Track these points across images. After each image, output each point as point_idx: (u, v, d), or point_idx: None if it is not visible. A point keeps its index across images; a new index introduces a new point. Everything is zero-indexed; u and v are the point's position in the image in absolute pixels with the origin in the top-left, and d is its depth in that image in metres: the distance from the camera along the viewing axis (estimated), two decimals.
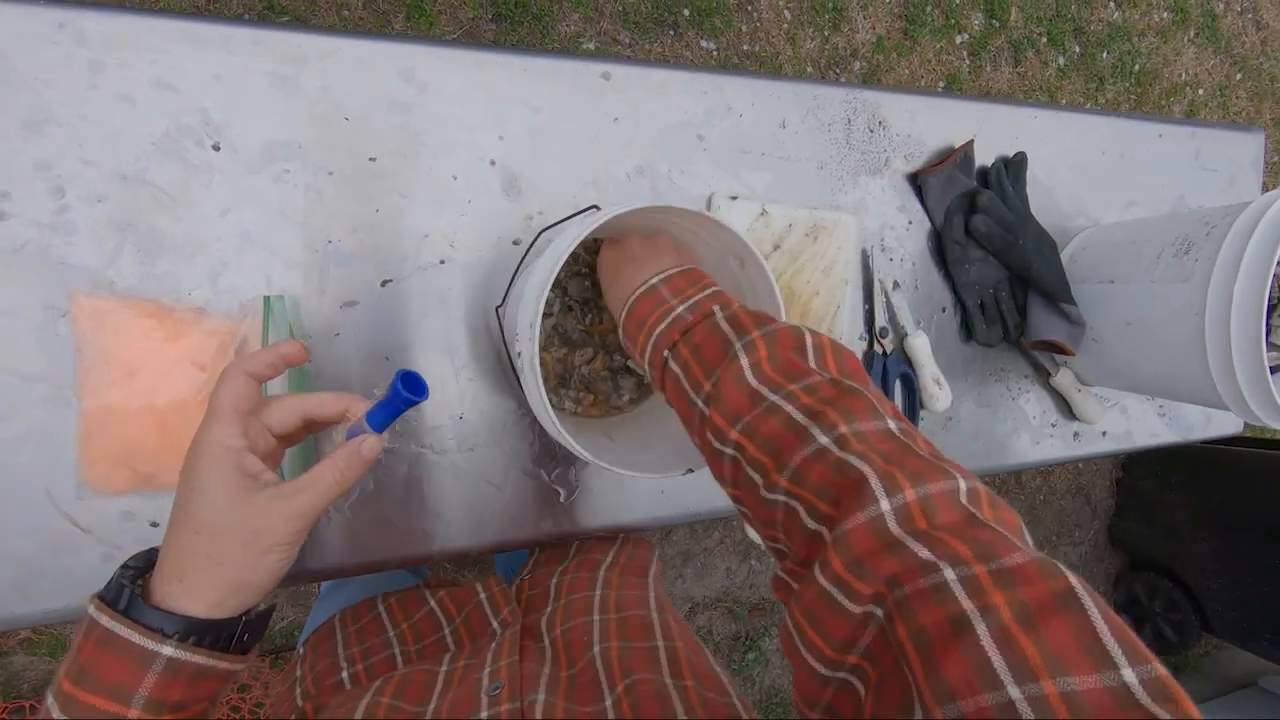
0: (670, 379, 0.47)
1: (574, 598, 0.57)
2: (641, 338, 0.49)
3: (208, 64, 0.54)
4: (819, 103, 0.74)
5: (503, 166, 0.63)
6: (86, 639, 0.37)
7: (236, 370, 0.41)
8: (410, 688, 0.48)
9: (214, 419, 0.39)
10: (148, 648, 0.36)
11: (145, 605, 0.37)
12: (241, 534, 0.38)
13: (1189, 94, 2.31)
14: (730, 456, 0.41)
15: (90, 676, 0.36)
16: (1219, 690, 2.27)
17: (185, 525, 0.38)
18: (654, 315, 0.48)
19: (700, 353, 0.45)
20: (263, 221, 0.56)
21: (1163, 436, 0.97)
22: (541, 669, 0.48)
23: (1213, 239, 0.70)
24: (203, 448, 0.39)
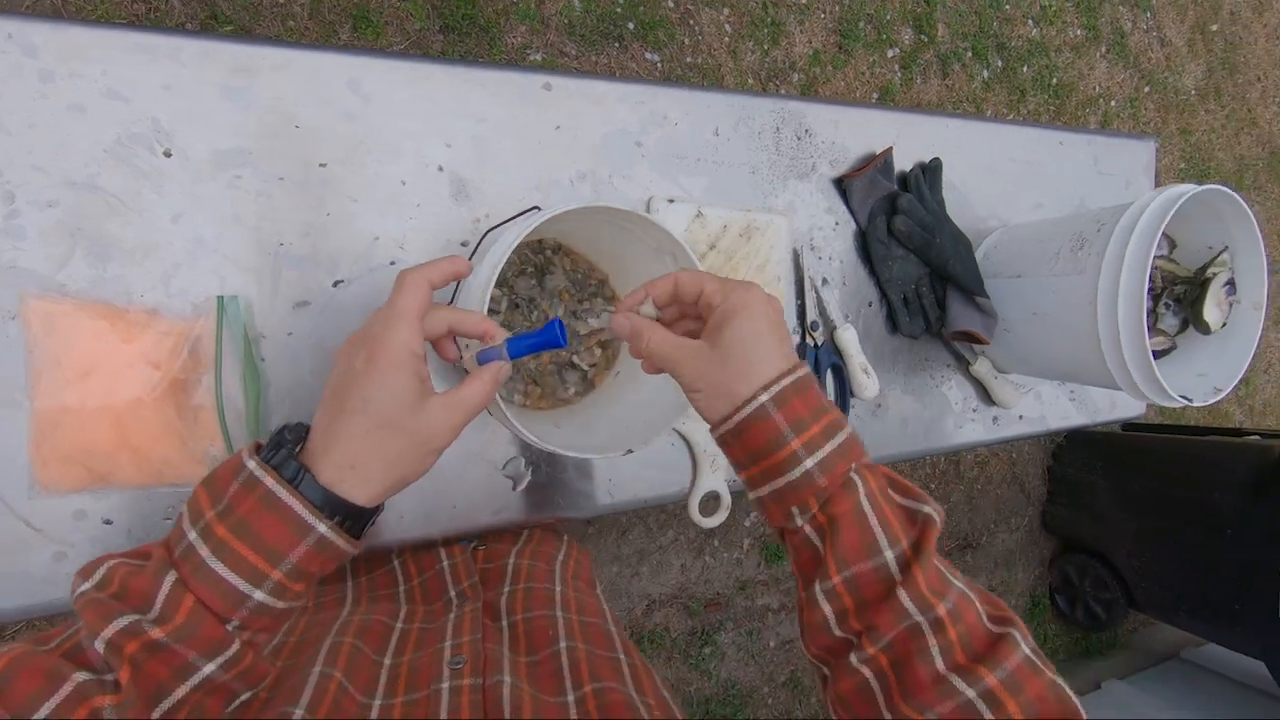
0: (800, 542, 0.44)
1: (534, 586, 0.59)
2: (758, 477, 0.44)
3: (158, 75, 0.56)
4: (749, 112, 0.80)
5: (450, 172, 0.66)
6: (247, 494, 0.38)
7: (420, 276, 0.43)
8: (369, 634, 0.49)
9: (400, 321, 0.42)
10: (308, 520, 0.39)
11: (315, 483, 0.39)
12: (418, 435, 0.41)
13: (1103, 105, 2.48)
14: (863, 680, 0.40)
15: (249, 531, 0.38)
16: (1146, 663, 2.42)
17: (362, 417, 0.40)
18: (774, 457, 0.42)
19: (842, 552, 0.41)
20: (215, 226, 0.58)
21: (1073, 419, 1.06)
22: (502, 650, 0.50)
23: (1102, 236, 0.77)
24: (388, 347, 0.41)
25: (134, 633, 0.35)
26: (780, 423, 0.42)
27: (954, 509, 2.26)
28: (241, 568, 0.37)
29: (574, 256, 0.69)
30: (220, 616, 0.37)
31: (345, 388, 0.41)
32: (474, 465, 0.68)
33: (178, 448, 0.56)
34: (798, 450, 0.42)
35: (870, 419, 0.89)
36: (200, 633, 0.36)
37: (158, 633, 0.35)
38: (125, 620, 0.35)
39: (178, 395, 0.55)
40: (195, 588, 0.37)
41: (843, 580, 0.41)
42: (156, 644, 0.35)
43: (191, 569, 0.37)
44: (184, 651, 0.36)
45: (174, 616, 0.36)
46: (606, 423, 0.63)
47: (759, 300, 0.45)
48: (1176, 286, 0.85)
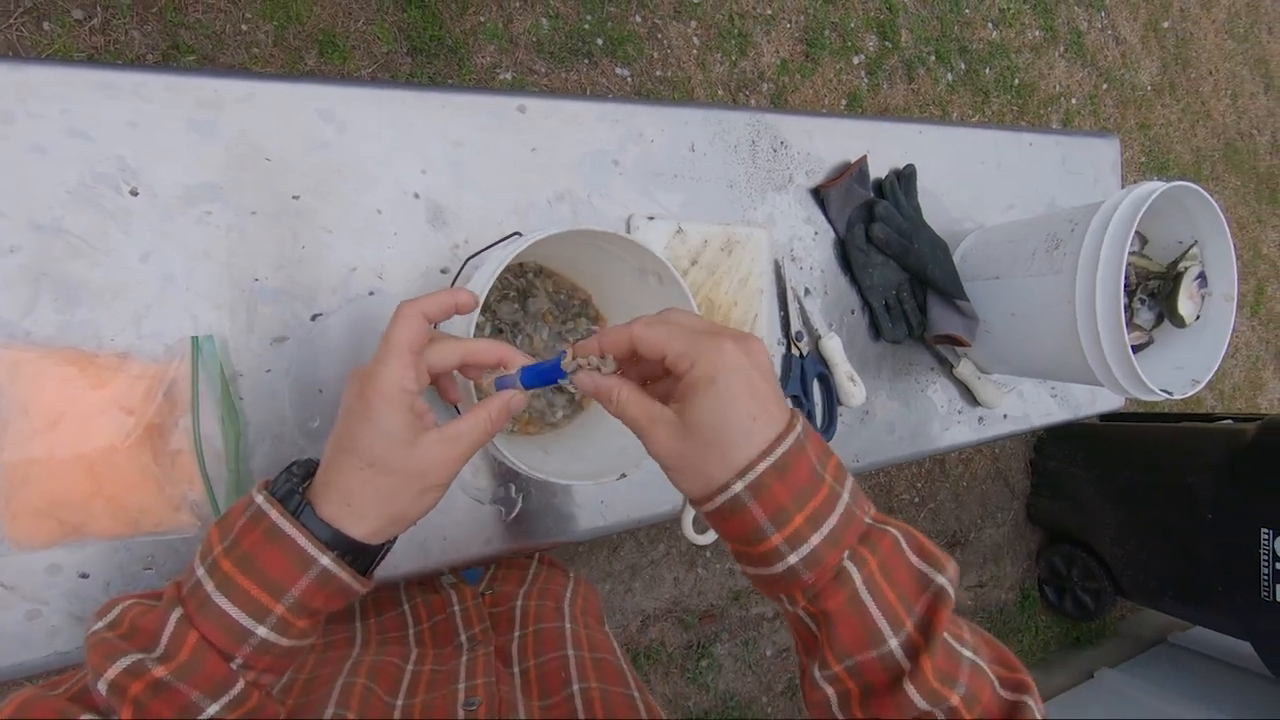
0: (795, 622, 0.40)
1: (543, 627, 0.58)
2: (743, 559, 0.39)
3: (121, 112, 0.55)
4: (724, 127, 0.80)
5: (426, 199, 0.65)
6: (253, 527, 0.38)
7: (414, 310, 0.42)
8: (381, 674, 0.48)
9: (392, 357, 0.40)
10: (309, 553, 0.38)
11: (315, 516, 0.39)
12: (410, 473, 0.40)
13: (1064, 103, 2.53)
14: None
15: (253, 565, 0.37)
16: (1134, 650, 2.45)
17: (354, 456, 0.39)
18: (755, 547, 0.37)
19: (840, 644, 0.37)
20: (186, 263, 0.57)
21: (1055, 415, 1.07)
22: (515, 695, 0.49)
23: (1076, 235, 0.78)
24: (378, 384, 0.40)
25: (137, 673, 0.34)
26: (758, 515, 0.36)
27: (940, 507, 2.28)
28: (244, 602, 0.37)
29: (555, 278, 0.68)
30: (223, 653, 0.37)
31: (342, 424, 0.41)
32: (463, 495, 0.67)
33: (155, 494, 0.54)
34: (779, 546, 0.36)
35: (858, 426, 0.89)
36: (203, 670, 0.36)
37: (161, 671, 0.35)
38: (129, 660, 0.34)
39: (154, 440, 0.54)
40: (199, 624, 0.36)
41: (844, 668, 0.37)
42: (160, 683, 0.35)
43: (197, 605, 0.37)
44: (187, 691, 0.35)
45: (178, 654, 0.35)
46: (594, 447, 0.62)
47: (733, 363, 0.37)
48: (1150, 282, 0.87)
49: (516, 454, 0.59)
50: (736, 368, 0.37)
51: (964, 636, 0.39)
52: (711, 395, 0.37)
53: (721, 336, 0.38)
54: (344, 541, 0.39)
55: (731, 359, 0.37)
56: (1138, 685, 2.20)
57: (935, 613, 0.37)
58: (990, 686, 0.37)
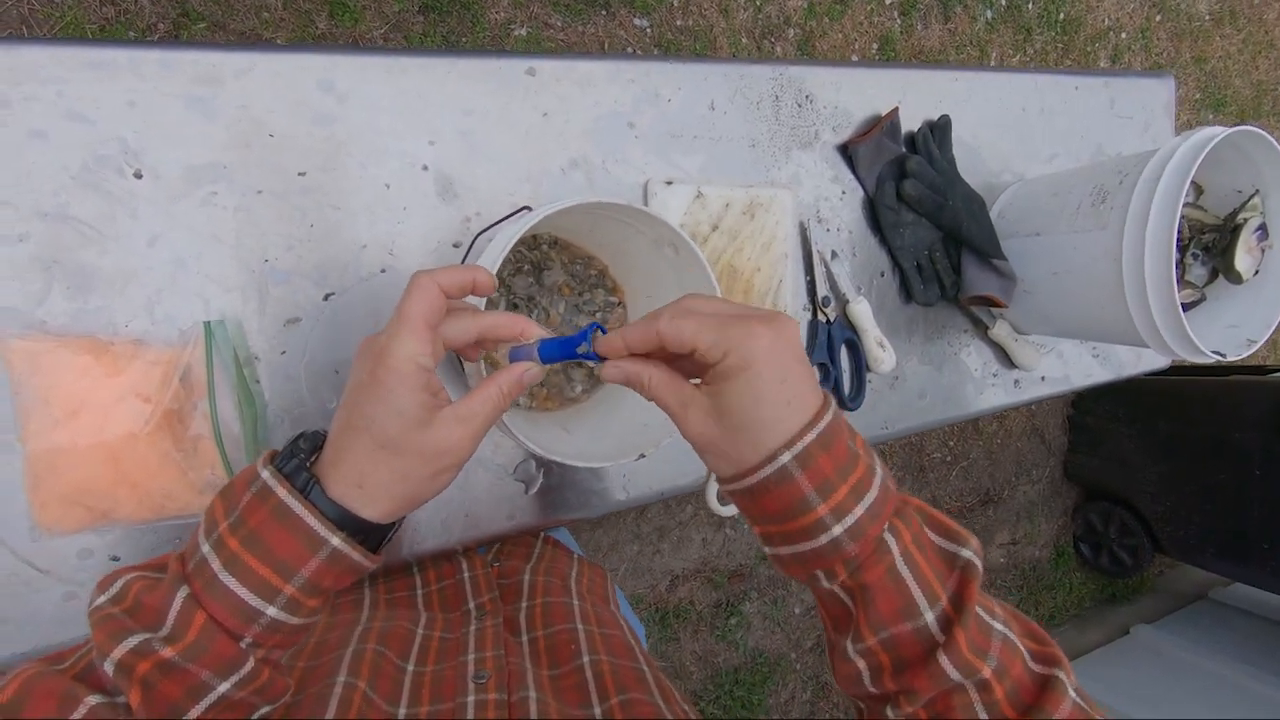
0: (826, 597, 0.40)
1: (551, 600, 0.58)
2: (776, 538, 0.39)
3: (119, 91, 0.53)
4: (746, 82, 0.76)
5: (436, 171, 0.63)
6: (260, 505, 0.37)
7: (430, 281, 0.39)
8: (392, 638, 0.48)
9: (407, 330, 0.38)
10: (320, 534, 0.37)
11: (325, 496, 0.38)
12: (425, 454, 0.39)
13: (1112, 39, 2.38)
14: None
15: (260, 544, 0.36)
16: (1174, 605, 2.42)
17: (366, 435, 0.38)
18: (795, 522, 0.37)
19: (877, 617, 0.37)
20: (194, 246, 0.56)
21: (1097, 376, 1.02)
22: (524, 664, 0.49)
23: (1125, 187, 0.73)
24: (394, 360, 0.38)
25: (144, 653, 0.34)
26: (805, 486, 0.36)
27: (973, 465, 2.24)
28: (253, 582, 0.36)
29: (571, 249, 0.66)
30: (233, 634, 0.36)
31: (353, 400, 0.39)
32: (484, 471, 0.67)
33: (178, 479, 0.54)
34: (824, 517, 0.36)
35: (888, 392, 0.87)
36: (213, 651, 0.35)
37: (169, 652, 0.34)
38: (135, 639, 0.34)
39: (173, 426, 0.54)
40: (207, 604, 0.36)
41: (879, 641, 0.37)
42: (168, 664, 0.34)
43: (204, 584, 0.36)
44: (197, 671, 0.35)
45: (185, 635, 0.35)
46: (617, 422, 0.61)
47: (766, 349, 0.36)
48: (1204, 235, 0.81)
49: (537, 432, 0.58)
50: (770, 353, 0.36)
51: (994, 610, 0.39)
52: (745, 381, 0.36)
53: (751, 321, 0.37)
54: (354, 521, 0.39)
55: (764, 344, 0.36)
56: (1175, 642, 2.17)
57: (966, 586, 0.37)
58: (1021, 660, 0.38)
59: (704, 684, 1.88)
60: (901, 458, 2.11)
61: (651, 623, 1.81)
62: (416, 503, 0.41)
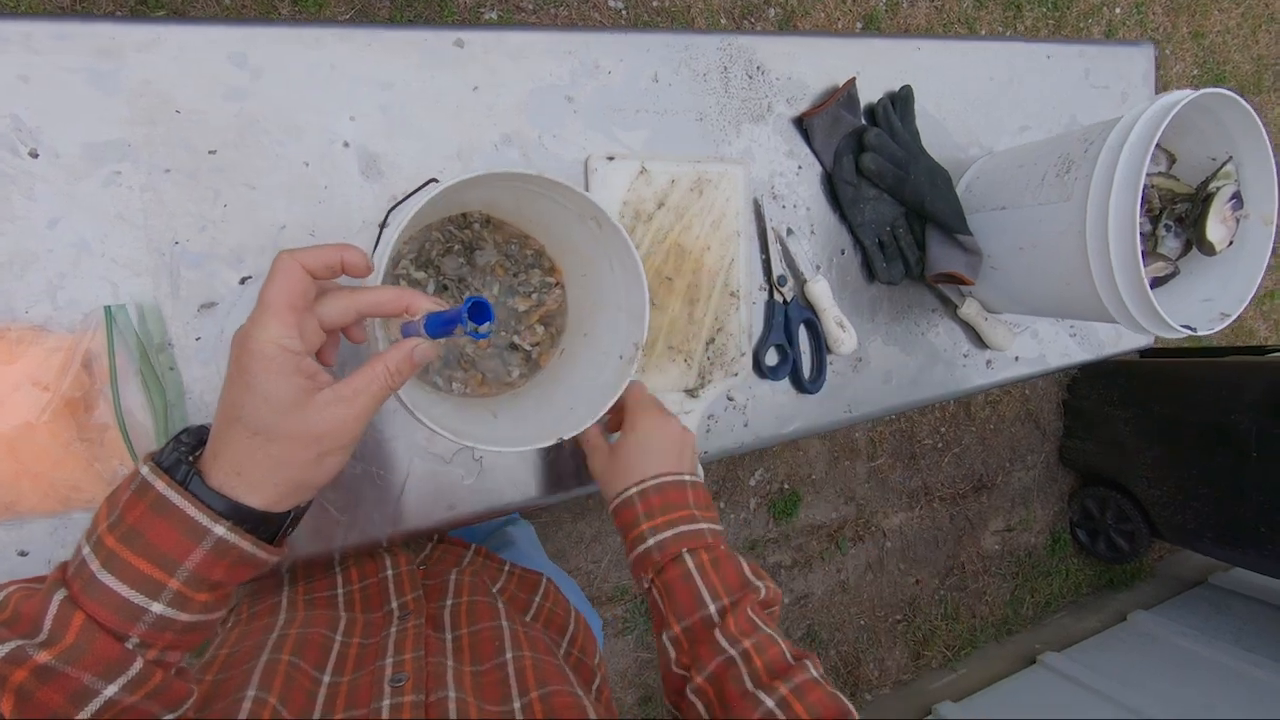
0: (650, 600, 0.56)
1: (477, 600, 0.57)
2: (626, 546, 0.57)
3: (11, 65, 0.51)
4: (691, 53, 0.73)
5: (358, 147, 0.61)
6: (139, 500, 0.36)
7: (291, 262, 0.38)
8: (308, 647, 0.47)
9: (268, 315, 0.37)
10: (201, 523, 0.36)
11: (205, 486, 0.37)
12: (303, 438, 0.37)
13: (1106, 14, 2.33)
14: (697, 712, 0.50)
15: (139, 538, 0.35)
16: (1174, 591, 2.39)
17: (240, 425, 0.37)
18: (631, 533, 0.56)
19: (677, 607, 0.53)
20: (99, 228, 0.54)
21: (1075, 356, 0.99)
22: (445, 662, 0.48)
23: (1089, 156, 0.70)
24: (256, 345, 0.36)
25: (18, 660, 0.32)
26: (638, 509, 0.56)
27: (966, 451, 2.21)
28: (133, 578, 0.35)
29: (504, 228, 0.64)
30: (115, 633, 0.34)
31: (225, 391, 0.38)
32: (421, 460, 0.64)
33: (84, 469, 0.52)
34: (645, 531, 0.55)
35: (851, 374, 0.84)
36: (93, 652, 0.34)
37: (44, 656, 0.32)
38: (7, 647, 0.32)
39: (77, 414, 0.52)
40: (85, 604, 0.34)
41: (681, 629, 0.52)
42: (45, 668, 0.33)
43: (82, 585, 0.34)
44: (78, 674, 0.33)
45: (63, 637, 0.33)
46: (549, 408, 0.59)
47: (650, 426, 0.59)
48: (1177, 205, 0.78)
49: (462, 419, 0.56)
50: (652, 429, 0.59)
51: (772, 625, 0.51)
52: (631, 440, 0.59)
53: (655, 411, 0.61)
54: (242, 511, 0.37)
55: (651, 424, 0.59)
56: (1173, 628, 2.14)
57: (744, 597, 0.52)
58: (780, 651, 0.49)
59: None
60: (892, 445, 2.08)
61: (636, 614, 1.79)
62: (306, 488, 0.39)
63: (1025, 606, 2.33)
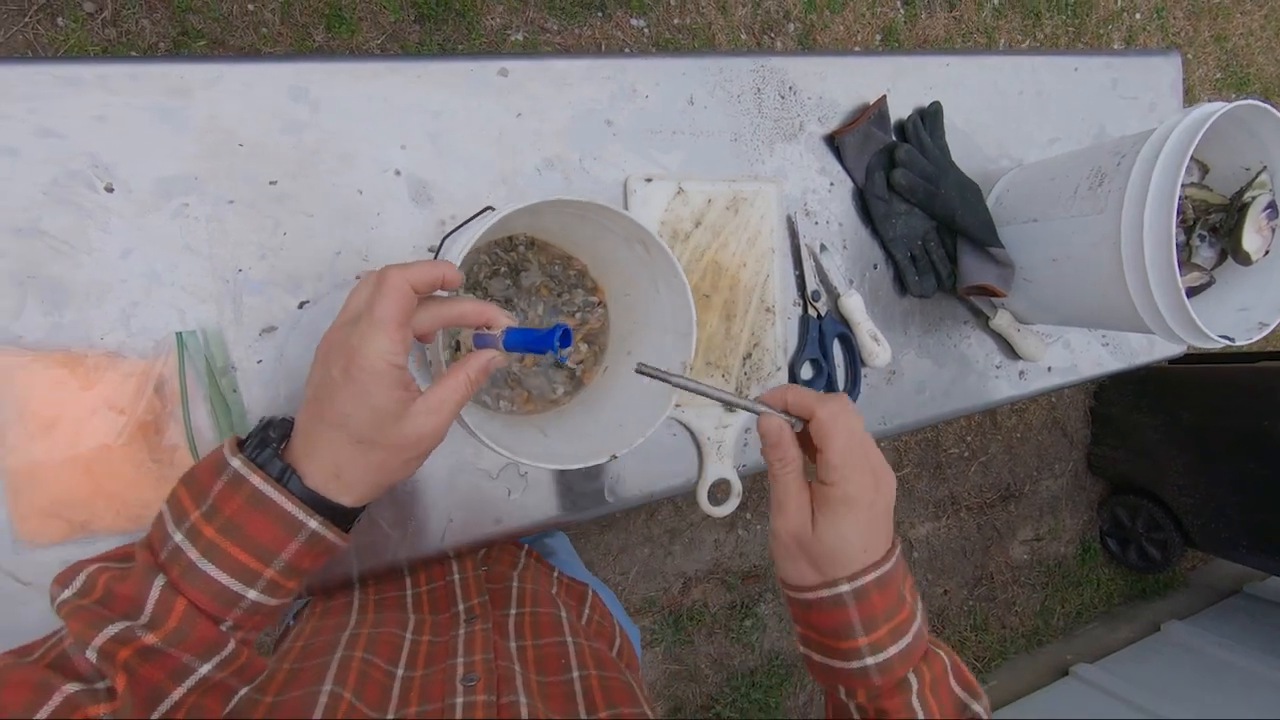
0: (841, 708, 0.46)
1: (540, 611, 0.58)
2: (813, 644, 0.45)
3: (89, 106, 0.54)
4: (725, 75, 0.74)
5: (409, 175, 0.63)
6: (233, 493, 0.38)
7: (401, 280, 0.40)
8: (380, 645, 0.49)
9: (380, 331, 0.39)
10: (298, 518, 0.39)
11: (304, 485, 0.39)
12: (401, 446, 0.40)
13: (1126, 20, 2.32)
14: None
15: (238, 530, 0.37)
16: (1208, 601, 2.34)
17: (341, 431, 0.39)
18: (835, 642, 0.43)
19: None
20: (168, 258, 0.56)
21: (1107, 365, 0.99)
22: (513, 668, 0.49)
23: (1123, 169, 0.71)
24: (368, 360, 0.38)
25: (125, 640, 0.35)
26: (854, 616, 0.42)
27: (992, 460, 2.20)
28: (233, 568, 0.37)
29: (548, 249, 0.66)
30: (214, 618, 0.37)
31: (325, 397, 0.40)
32: (468, 475, 0.66)
33: (155, 489, 0.54)
34: (862, 647, 0.42)
35: (885, 387, 0.85)
36: (195, 635, 0.36)
37: (151, 638, 0.35)
38: (116, 628, 0.35)
39: (148, 437, 0.54)
40: (186, 590, 0.37)
41: None
42: (150, 649, 0.35)
43: (181, 571, 0.37)
44: (179, 654, 0.36)
45: (166, 621, 0.36)
46: (594, 425, 0.60)
47: (866, 499, 0.42)
48: (1211, 216, 0.78)
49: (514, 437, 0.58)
50: (869, 504, 0.42)
51: None
52: (842, 518, 0.42)
53: (868, 469, 0.43)
54: (335, 509, 0.40)
55: (869, 494, 0.42)
56: (1209, 638, 2.10)
57: None
58: None
59: (720, 687, 1.86)
60: (917, 454, 2.08)
61: (665, 625, 1.79)
62: (388, 488, 0.43)
63: (1056, 617, 2.30)
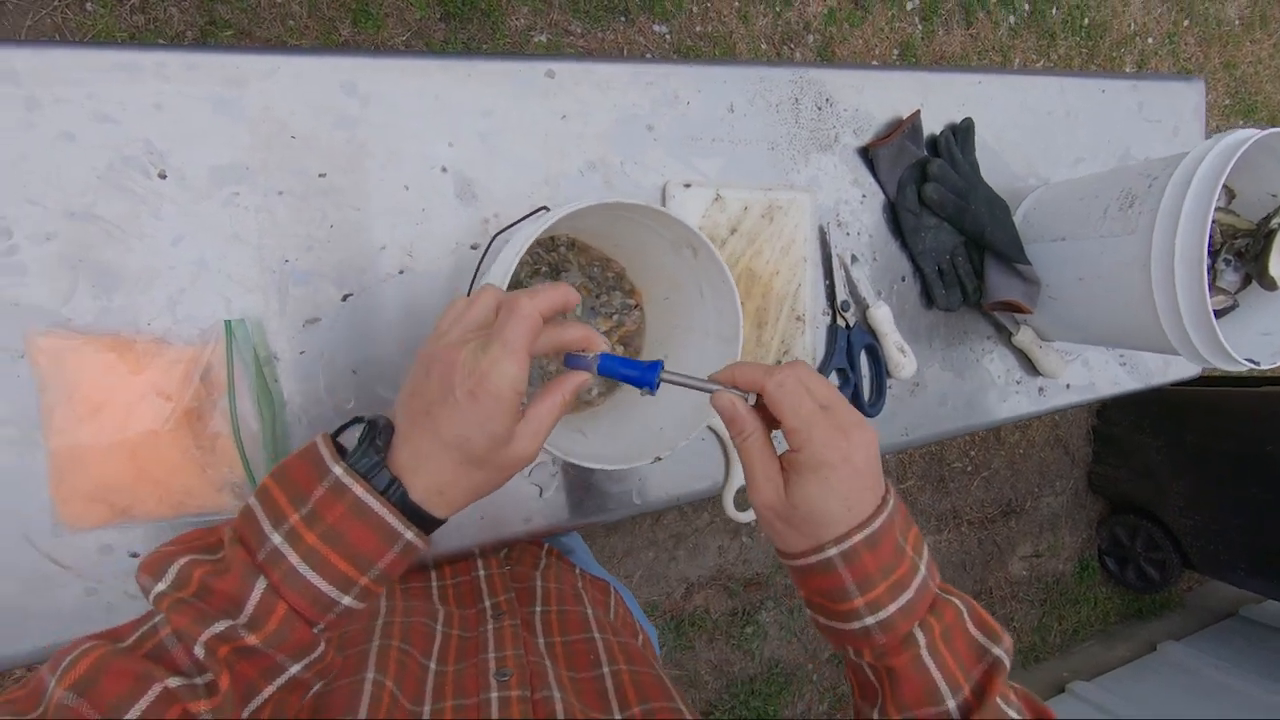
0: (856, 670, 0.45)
1: (566, 609, 0.58)
2: (816, 609, 0.44)
3: (145, 93, 0.54)
4: (765, 85, 0.75)
5: (454, 172, 0.63)
6: (335, 500, 0.38)
7: (533, 309, 0.40)
8: (414, 635, 0.49)
9: (510, 359, 0.39)
10: (397, 529, 0.39)
11: (409, 499, 0.40)
12: (506, 467, 0.41)
13: (1139, 44, 2.34)
14: None
15: (340, 539, 0.38)
16: (1203, 622, 2.36)
17: (457, 452, 0.39)
18: (834, 605, 0.42)
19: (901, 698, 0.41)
20: (216, 246, 0.56)
21: (1124, 384, 1.00)
22: (544, 663, 0.49)
23: (1154, 191, 0.72)
24: (496, 387, 0.38)
25: (229, 638, 0.35)
26: (846, 578, 0.41)
27: (995, 475, 2.21)
28: (333, 575, 0.38)
29: (588, 251, 0.66)
30: (310, 621, 0.38)
31: (443, 416, 0.39)
32: None
33: (197, 476, 0.54)
34: (860, 608, 0.41)
35: (908, 398, 0.85)
36: (292, 638, 0.37)
37: (253, 639, 0.36)
38: (221, 626, 0.35)
39: (193, 424, 0.54)
40: (286, 594, 0.37)
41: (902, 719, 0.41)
42: (250, 649, 0.36)
43: (282, 576, 0.37)
44: (274, 655, 0.37)
45: (266, 623, 0.36)
46: (633, 427, 0.60)
47: (839, 457, 0.40)
48: (1237, 240, 0.79)
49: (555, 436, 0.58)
50: (841, 461, 0.40)
51: (1010, 697, 0.42)
52: (814, 483, 0.41)
53: (833, 428, 0.41)
54: (429, 521, 0.41)
55: (838, 453, 0.40)
56: (1204, 660, 2.11)
57: (990, 680, 0.41)
58: None
59: (719, 693, 1.86)
60: (921, 467, 2.08)
61: (666, 630, 1.79)
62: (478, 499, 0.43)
63: (1053, 634, 2.31)
